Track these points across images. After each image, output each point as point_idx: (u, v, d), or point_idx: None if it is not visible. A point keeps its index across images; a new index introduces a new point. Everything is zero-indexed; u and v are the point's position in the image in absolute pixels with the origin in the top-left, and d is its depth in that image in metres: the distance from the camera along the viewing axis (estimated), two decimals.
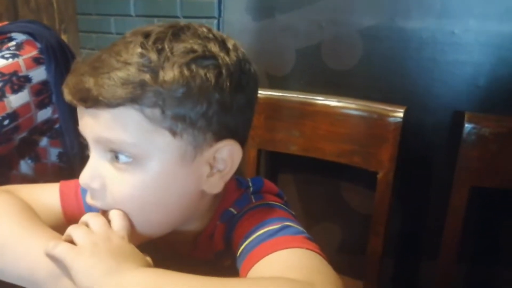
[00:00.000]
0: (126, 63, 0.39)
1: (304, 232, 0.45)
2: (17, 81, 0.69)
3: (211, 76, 0.41)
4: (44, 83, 0.73)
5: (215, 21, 1.23)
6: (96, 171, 0.43)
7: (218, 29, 1.25)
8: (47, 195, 0.53)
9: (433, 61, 1.02)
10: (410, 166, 1.04)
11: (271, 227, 0.44)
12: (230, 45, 0.45)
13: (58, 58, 0.74)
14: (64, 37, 1.57)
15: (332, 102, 1.04)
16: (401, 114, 0.95)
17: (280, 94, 1.08)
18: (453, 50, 0.99)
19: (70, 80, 0.42)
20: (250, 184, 0.53)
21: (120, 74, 0.39)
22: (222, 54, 0.43)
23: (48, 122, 0.77)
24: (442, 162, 1.04)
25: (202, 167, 0.45)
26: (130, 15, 1.38)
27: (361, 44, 1.08)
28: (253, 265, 0.41)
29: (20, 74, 0.70)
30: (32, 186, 0.55)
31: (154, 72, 0.39)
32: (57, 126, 0.79)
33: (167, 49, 0.40)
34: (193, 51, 0.41)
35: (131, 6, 1.37)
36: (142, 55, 0.40)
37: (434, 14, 0.99)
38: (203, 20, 1.24)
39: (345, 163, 1.03)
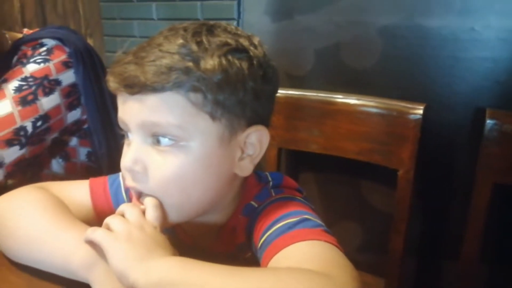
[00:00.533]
0: (170, 53, 0.43)
1: (322, 225, 0.47)
2: (48, 85, 0.73)
3: (245, 66, 0.45)
4: (73, 86, 0.76)
5: (235, 23, 1.26)
6: (139, 155, 0.46)
7: None
8: (78, 192, 0.57)
9: (453, 58, 1.01)
10: (430, 164, 1.03)
11: (290, 220, 0.46)
12: (255, 41, 0.48)
13: (86, 61, 0.78)
14: (90, 41, 1.62)
15: (352, 101, 1.04)
16: (421, 112, 0.94)
17: (300, 93, 1.09)
18: (473, 46, 0.98)
19: (115, 69, 0.45)
20: (270, 178, 0.55)
21: (166, 61, 0.42)
22: (252, 48, 0.47)
23: (78, 123, 0.81)
24: (464, 159, 1.03)
25: (235, 150, 0.48)
26: (153, 19, 1.42)
27: (380, 43, 1.08)
28: (272, 256, 0.43)
29: (51, 77, 0.73)
30: (63, 183, 0.58)
31: (196, 61, 0.43)
32: (85, 126, 0.83)
33: (205, 42, 0.44)
34: (227, 44, 0.45)
35: (153, 10, 1.41)
36: (183, 46, 0.44)
37: (454, 11, 0.98)
38: (224, 22, 1.27)
39: (365, 161, 1.03)
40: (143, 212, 0.45)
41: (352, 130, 1.05)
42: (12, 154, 0.69)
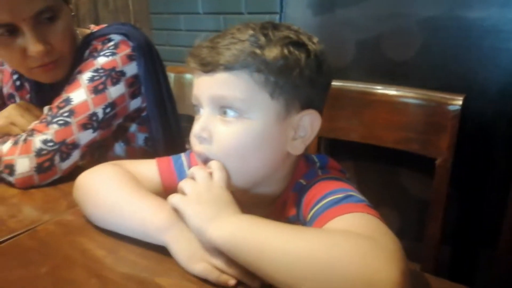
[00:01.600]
0: (241, 40, 0.51)
1: (365, 201, 0.52)
2: (115, 75, 0.81)
3: (302, 56, 0.52)
4: (135, 77, 0.85)
5: (277, 16, 1.31)
6: (207, 124, 0.53)
7: None
8: (148, 169, 0.64)
9: (495, 49, 1.03)
10: (469, 153, 1.05)
11: (336, 196, 0.51)
12: (314, 40, 0.55)
13: (147, 55, 0.86)
14: None
15: (391, 91, 1.07)
16: (460, 102, 0.96)
17: (341, 84, 1.12)
18: None
19: (194, 51, 0.54)
20: (316, 160, 0.61)
21: (237, 46, 0.51)
22: (310, 43, 0.54)
23: (138, 110, 0.89)
24: (503, 149, 1.04)
25: (289, 130, 0.54)
26: (198, 13, 1.49)
27: (420, 35, 1.11)
28: (321, 227, 0.49)
29: (117, 69, 0.82)
30: (134, 161, 0.66)
31: (262, 48, 0.50)
32: (144, 114, 0.91)
33: (271, 34, 0.52)
34: (289, 37, 0.52)
35: (199, 4, 1.49)
36: (253, 35, 0.51)
37: (496, 2, 1.00)
38: (266, 16, 1.33)
39: (403, 150, 1.06)
40: (210, 175, 0.53)
41: (391, 120, 1.08)
42: (86, 136, 0.78)
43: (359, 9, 1.17)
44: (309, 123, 0.55)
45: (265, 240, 0.43)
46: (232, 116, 0.52)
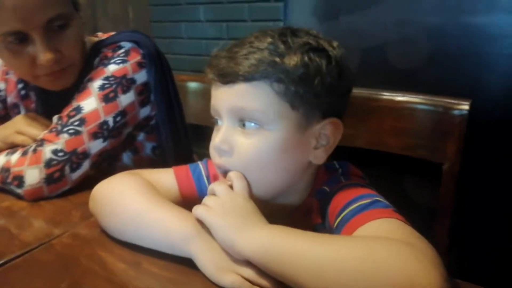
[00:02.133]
0: (260, 49, 0.50)
1: (392, 206, 0.51)
2: (126, 83, 0.80)
3: (323, 63, 0.51)
4: (145, 84, 0.83)
5: (281, 24, 1.31)
6: (227, 136, 0.52)
7: None
8: (165, 178, 0.63)
9: (499, 55, 1.04)
10: (477, 158, 1.05)
11: (363, 202, 0.51)
12: (334, 44, 0.54)
13: (157, 62, 0.85)
14: None
15: (397, 97, 1.07)
16: (467, 107, 0.97)
17: None
18: None
19: (212, 62, 0.53)
20: (337, 166, 0.61)
21: (256, 56, 0.50)
22: (330, 49, 0.53)
23: (147, 119, 0.88)
24: (510, 153, 1.05)
25: (310, 139, 0.54)
26: (200, 21, 1.49)
27: (426, 42, 1.11)
28: (351, 233, 0.48)
29: (128, 76, 0.80)
30: (151, 170, 0.65)
31: (282, 56, 0.49)
32: (152, 122, 0.90)
33: (290, 41, 0.51)
34: (309, 44, 0.51)
35: (200, 13, 1.48)
36: (272, 43, 0.50)
37: (500, 8, 1.01)
38: (270, 23, 1.33)
39: (410, 156, 1.06)
40: (231, 187, 0.52)
41: (397, 126, 1.08)
42: (97, 145, 0.77)
43: (364, 17, 1.18)
44: (330, 132, 0.54)
45: (299, 250, 0.42)
46: (252, 128, 0.51)
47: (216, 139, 0.53)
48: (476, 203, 1.14)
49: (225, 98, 0.52)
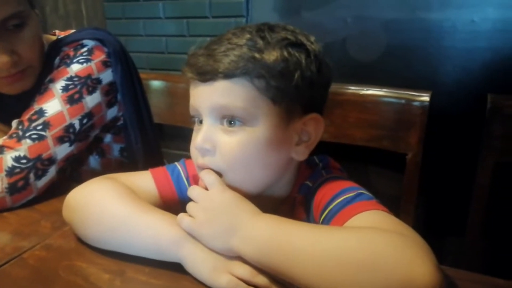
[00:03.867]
0: (238, 45, 0.49)
1: (374, 198, 0.52)
2: (91, 83, 0.76)
3: (302, 57, 0.51)
4: (111, 84, 0.80)
5: (244, 20, 1.30)
6: (209, 135, 0.51)
7: None
8: (143, 181, 0.61)
9: (453, 49, 1.09)
10: (437, 147, 1.10)
11: (348, 195, 0.51)
12: (311, 39, 0.54)
13: (122, 60, 0.81)
14: None
15: (361, 91, 1.10)
16: (427, 98, 1.01)
17: None
18: (472, 37, 1.06)
19: (190, 60, 0.51)
20: (318, 161, 0.61)
21: (235, 52, 0.49)
22: (308, 43, 0.53)
23: (114, 120, 0.84)
24: (468, 141, 1.11)
25: (293, 135, 0.53)
26: (160, 18, 1.45)
27: (385, 37, 1.15)
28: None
29: (93, 76, 0.76)
30: (127, 174, 0.62)
31: (261, 51, 0.49)
32: (119, 123, 0.86)
33: (268, 37, 0.50)
34: (287, 39, 0.51)
35: (160, 9, 1.44)
36: (250, 39, 0.50)
37: (454, 4, 1.06)
38: (232, 19, 1.31)
39: (374, 148, 1.10)
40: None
41: (361, 118, 1.11)
42: (63, 150, 0.72)
43: (325, 12, 1.20)
44: (312, 128, 0.55)
45: (299, 244, 0.42)
46: (234, 126, 0.50)
47: (198, 138, 0.52)
48: (439, 191, 1.20)
49: (206, 96, 0.51)
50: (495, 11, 1.02)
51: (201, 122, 0.53)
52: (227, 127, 0.51)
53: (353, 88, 1.11)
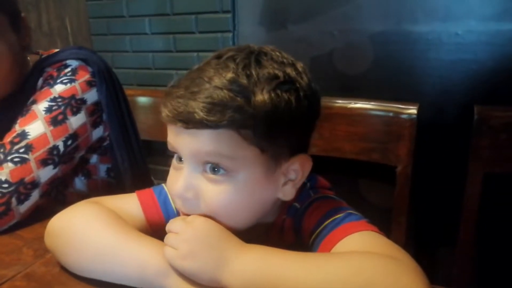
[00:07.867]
0: (221, 88, 0.45)
1: (364, 218, 0.51)
2: (75, 104, 0.74)
3: (292, 99, 0.47)
4: (96, 104, 0.78)
5: (230, 35, 1.30)
6: (190, 182, 0.48)
7: (233, 42, 1.32)
8: (129, 205, 0.59)
9: (438, 61, 1.10)
10: (426, 158, 1.11)
11: (337, 216, 0.50)
12: (299, 68, 0.51)
13: (107, 79, 0.80)
14: None
15: (349, 104, 1.11)
16: (415, 111, 1.01)
17: None
18: (457, 49, 1.07)
19: (169, 102, 0.47)
20: (305, 181, 0.60)
21: (219, 98, 0.44)
22: (298, 78, 0.49)
23: (100, 140, 0.82)
24: (456, 152, 1.11)
25: (279, 177, 0.51)
26: (146, 33, 1.44)
27: (371, 49, 1.16)
28: (330, 250, 0.47)
29: (78, 97, 0.75)
30: (112, 197, 0.60)
31: (247, 97, 0.45)
32: (105, 143, 0.85)
33: (255, 75, 0.46)
34: (276, 77, 0.46)
35: (146, 25, 1.43)
36: (234, 80, 0.45)
37: (439, 17, 1.07)
38: (219, 34, 1.31)
39: (364, 161, 1.10)
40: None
41: (350, 131, 1.11)
42: (47, 173, 0.70)
43: (311, 26, 1.20)
44: (299, 167, 0.51)
45: (288, 276, 0.41)
46: (219, 173, 0.47)
47: (179, 185, 0.48)
48: (429, 202, 1.20)
49: (187, 143, 0.47)
50: (479, 24, 1.03)
51: (180, 159, 0.50)
52: (211, 175, 0.48)
53: (340, 101, 1.11)
